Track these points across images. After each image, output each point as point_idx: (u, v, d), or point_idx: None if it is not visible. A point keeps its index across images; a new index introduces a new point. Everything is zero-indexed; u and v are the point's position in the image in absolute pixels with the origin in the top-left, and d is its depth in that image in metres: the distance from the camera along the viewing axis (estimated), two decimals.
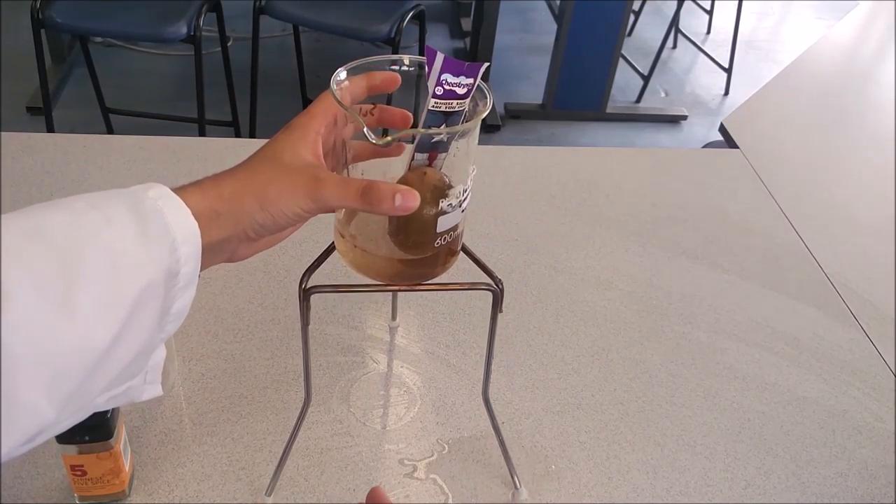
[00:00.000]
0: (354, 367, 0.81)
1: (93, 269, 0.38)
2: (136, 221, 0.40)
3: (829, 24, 3.74)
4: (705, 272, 0.99)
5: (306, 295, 0.55)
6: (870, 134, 1.46)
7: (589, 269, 0.97)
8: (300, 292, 0.55)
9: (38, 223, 0.38)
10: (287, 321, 0.84)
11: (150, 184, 0.43)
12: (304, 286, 0.55)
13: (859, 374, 0.87)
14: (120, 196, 0.42)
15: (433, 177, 0.50)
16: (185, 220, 0.42)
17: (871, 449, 0.79)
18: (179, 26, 1.98)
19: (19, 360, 0.35)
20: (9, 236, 0.36)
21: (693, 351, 0.87)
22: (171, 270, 0.41)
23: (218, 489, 0.68)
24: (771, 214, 1.12)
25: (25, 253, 0.36)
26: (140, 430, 0.72)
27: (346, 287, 0.57)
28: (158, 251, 0.40)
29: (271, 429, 0.73)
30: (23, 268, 0.35)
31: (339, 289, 0.57)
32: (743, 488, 0.73)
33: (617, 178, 1.16)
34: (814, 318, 0.94)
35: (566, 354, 0.85)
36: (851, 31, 1.91)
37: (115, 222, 0.40)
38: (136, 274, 0.39)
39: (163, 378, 0.75)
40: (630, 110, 3.05)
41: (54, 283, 0.36)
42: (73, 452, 0.61)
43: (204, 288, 0.87)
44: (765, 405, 0.82)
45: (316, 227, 0.99)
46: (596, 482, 0.72)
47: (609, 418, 0.78)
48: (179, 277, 0.42)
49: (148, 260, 0.40)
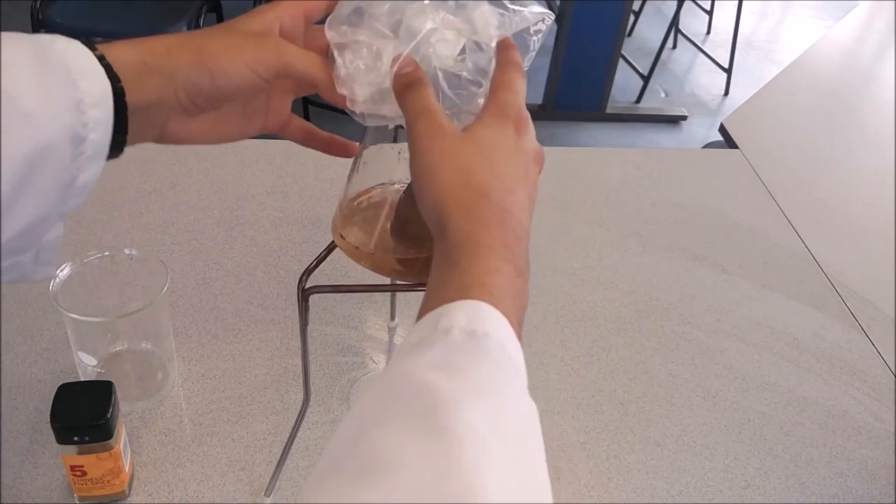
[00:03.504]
0: (354, 367, 0.81)
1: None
2: (35, 72, 0.35)
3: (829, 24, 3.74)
4: (705, 272, 0.99)
5: (305, 295, 0.55)
6: (870, 134, 1.46)
7: (589, 269, 0.97)
8: (299, 292, 0.55)
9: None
10: (287, 321, 0.84)
11: (58, 35, 0.37)
12: (303, 286, 0.54)
13: (859, 374, 0.87)
14: (22, 41, 0.36)
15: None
16: (96, 81, 0.37)
17: (871, 449, 0.79)
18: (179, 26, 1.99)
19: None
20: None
21: (693, 351, 0.87)
22: (76, 135, 0.36)
23: (218, 489, 0.68)
24: (771, 214, 1.12)
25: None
26: (140, 430, 0.72)
27: (345, 287, 0.57)
28: (61, 109, 0.35)
29: (271, 429, 0.73)
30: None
31: (339, 289, 0.57)
32: (743, 488, 0.73)
33: (617, 178, 1.16)
34: (814, 318, 0.94)
35: (566, 355, 0.85)
36: (851, 31, 1.91)
37: (12, 70, 0.34)
38: (31, 131, 0.34)
39: (163, 378, 0.76)
40: (630, 110, 3.05)
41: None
42: (73, 453, 0.61)
43: (204, 288, 0.87)
44: (765, 405, 0.82)
45: (316, 227, 1.00)
46: (596, 482, 0.72)
47: (609, 418, 0.78)
48: (86, 144, 0.37)
49: (47, 117, 0.35)
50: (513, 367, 0.36)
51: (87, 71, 0.36)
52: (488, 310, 0.36)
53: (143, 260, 0.73)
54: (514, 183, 0.42)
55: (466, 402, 0.31)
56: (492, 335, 0.35)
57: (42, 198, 0.36)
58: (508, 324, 0.36)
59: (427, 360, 0.33)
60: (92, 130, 0.37)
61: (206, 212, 0.98)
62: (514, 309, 0.37)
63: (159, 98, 0.40)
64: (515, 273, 0.39)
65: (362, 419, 0.32)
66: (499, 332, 0.35)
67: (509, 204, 0.41)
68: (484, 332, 0.35)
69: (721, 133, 1.35)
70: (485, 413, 0.31)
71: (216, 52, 0.40)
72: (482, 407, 0.31)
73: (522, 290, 0.39)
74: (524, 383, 0.36)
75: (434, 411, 0.30)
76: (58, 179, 0.37)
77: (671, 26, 3.14)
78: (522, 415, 0.34)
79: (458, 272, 0.38)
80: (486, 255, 0.38)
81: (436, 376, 0.32)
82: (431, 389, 0.31)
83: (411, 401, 0.31)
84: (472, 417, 0.30)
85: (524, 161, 0.43)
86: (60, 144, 0.36)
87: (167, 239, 0.94)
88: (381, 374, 0.35)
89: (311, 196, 1.01)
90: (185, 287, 0.87)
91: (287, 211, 0.99)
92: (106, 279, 0.72)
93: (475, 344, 0.34)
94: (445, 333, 0.34)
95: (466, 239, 0.39)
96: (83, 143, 0.37)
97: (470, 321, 0.35)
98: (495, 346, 0.35)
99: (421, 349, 0.34)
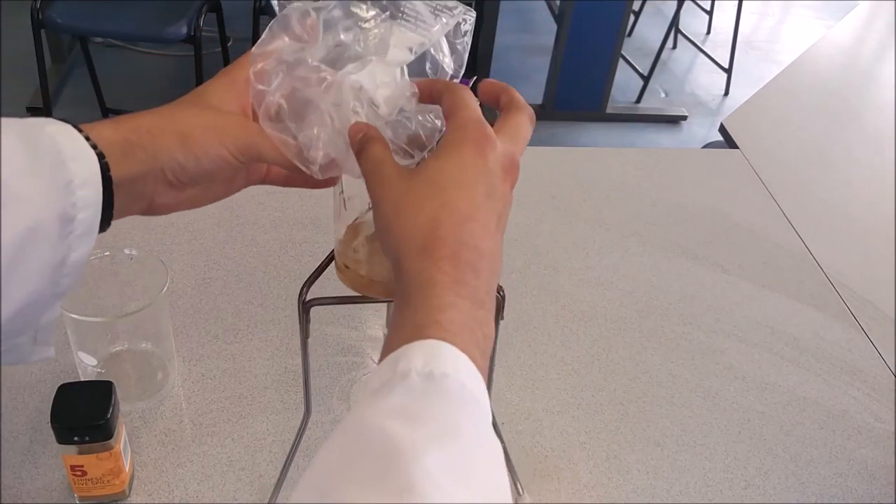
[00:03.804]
0: (354, 368, 0.81)
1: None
2: (25, 155, 0.36)
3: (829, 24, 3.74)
4: (705, 272, 0.99)
5: (306, 308, 0.53)
6: (870, 134, 1.46)
7: (589, 269, 0.97)
8: (300, 305, 0.53)
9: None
10: (287, 321, 0.84)
11: (50, 119, 0.39)
12: (303, 299, 0.53)
13: (859, 374, 0.87)
14: (11, 125, 0.37)
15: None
16: (85, 161, 0.38)
17: (871, 449, 0.79)
18: (179, 26, 1.99)
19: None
20: None
21: (693, 351, 0.87)
22: (65, 215, 0.37)
23: (218, 489, 0.68)
24: (771, 214, 1.12)
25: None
26: (140, 430, 0.72)
27: (347, 298, 0.55)
28: (49, 191, 0.36)
29: (271, 429, 0.73)
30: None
31: (341, 300, 0.55)
32: (743, 488, 0.73)
33: (617, 178, 1.16)
34: (814, 318, 0.94)
35: (566, 354, 0.85)
36: (851, 31, 1.91)
37: (2, 153, 0.35)
38: (19, 213, 0.35)
39: (163, 378, 0.76)
40: (630, 110, 3.05)
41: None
42: (73, 453, 0.61)
43: (204, 288, 0.87)
44: (765, 405, 0.82)
45: (316, 227, 1.00)
46: (596, 482, 0.72)
47: (609, 418, 0.78)
48: (76, 224, 0.38)
49: (34, 199, 0.36)
50: (475, 404, 0.35)
51: (76, 153, 0.37)
52: (446, 348, 0.35)
53: (143, 260, 0.73)
54: (471, 209, 0.40)
55: (425, 451, 0.30)
56: (450, 375, 0.34)
57: (34, 279, 0.37)
58: (468, 359, 0.36)
59: (386, 407, 0.33)
60: (81, 210, 0.37)
61: (206, 212, 0.98)
62: (473, 342, 0.37)
63: (144, 172, 0.41)
64: (473, 306, 0.38)
65: (325, 477, 0.31)
66: (458, 370, 0.35)
67: (462, 234, 0.39)
68: (442, 373, 0.34)
69: (721, 133, 1.35)
70: (445, 460, 0.31)
71: (198, 136, 0.41)
72: (442, 455, 0.31)
73: (484, 320, 0.39)
74: (487, 420, 0.36)
75: (393, 465, 0.30)
76: (48, 260, 0.37)
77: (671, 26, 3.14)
78: (485, 455, 0.34)
79: (411, 312, 0.37)
80: (438, 292, 0.37)
81: (394, 425, 0.32)
82: (390, 440, 0.31)
83: (371, 455, 0.31)
84: (431, 467, 0.30)
85: (485, 181, 0.41)
86: (49, 225, 0.36)
87: (167, 239, 0.94)
88: (343, 422, 0.34)
89: (312, 196, 1.01)
90: (185, 287, 0.87)
91: (287, 211, 0.99)
92: (106, 279, 0.72)
93: (433, 386, 0.34)
94: (403, 377, 0.34)
95: (417, 277, 0.38)
96: (72, 223, 0.37)
97: (427, 362, 0.34)
98: (455, 386, 0.34)
99: (380, 395, 0.34)
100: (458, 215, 0.39)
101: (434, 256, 0.38)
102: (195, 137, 0.41)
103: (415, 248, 0.39)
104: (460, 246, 0.39)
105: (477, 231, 0.40)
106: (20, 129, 0.37)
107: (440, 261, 0.38)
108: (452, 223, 0.39)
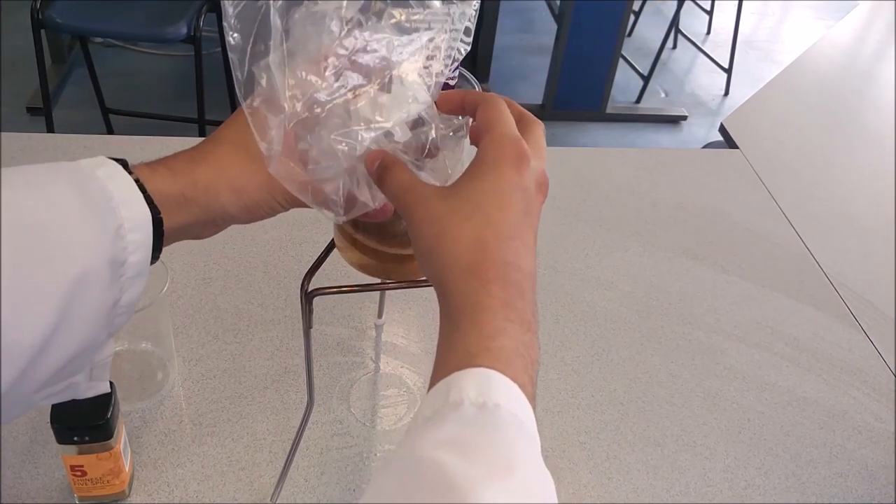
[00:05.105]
0: (354, 367, 0.81)
1: (23, 257, 0.34)
2: (76, 201, 0.36)
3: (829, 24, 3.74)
4: (705, 272, 0.99)
5: (309, 298, 0.53)
6: (870, 134, 1.46)
7: (589, 269, 0.97)
8: (302, 295, 0.53)
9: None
10: (287, 321, 0.84)
11: (101, 159, 0.39)
12: (305, 289, 0.53)
13: (859, 374, 0.87)
14: (63, 172, 0.38)
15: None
16: (135, 206, 0.38)
17: (871, 449, 0.79)
18: (179, 26, 1.98)
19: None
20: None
21: (693, 351, 0.87)
22: (115, 259, 0.37)
23: (218, 489, 0.68)
24: (771, 214, 1.12)
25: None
26: (140, 430, 0.72)
27: (349, 287, 0.55)
28: (100, 237, 0.37)
29: (271, 429, 0.73)
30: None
31: (343, 290, 0.55)
32: (743, 488, 0.73)
33: (617, 178, 1.16)
34: (814, 318, 0.94)
35: (566, 354, 0.85)
36: (851, 31, 1.91)
37: (52, 203, 0.36)
38: (72, 261, 0.36)
39: (163, 378, 0.76)
40: (630, 110, 3.05)
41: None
42: (73, 453, 0.61)
43: (204, 288, 0.87)
44: (765, 405, 0.82)
45: (316, 227, 1.00)
46: (596, 482, 0.72)
47: (609, 418, 0.78)
48: (126, 267, 0.38)
49: (86, 246, 0.36)
50: (526, 436, 0.35)
51: (127, 198, 0.38)
52: (498, 378, 0.35)
53: None
54: (513, 228, 0.39)
55: (481, 485, 0.30)
56: (503, 406, 0.34)
57: (88, 322, 0.37)
58: (519, 389, 0.35)
59: (439, 437, 0.33)
60: (132, 254, 0.38)
61: None
62: (523, 369, 0.37)
63: (195, 221, 0.43)
64: (521, 329, 0.38)
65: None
66: (510, 400, 0.35)
67: (507, 254, 0.39)
68: (495, 404, 0.34)
69: (721, 133, 1.35)
70: (501, 493, 0.31)
71: (252, 192, 0.43)
72: (497, 487, 0.31)
73: (531, 343, 0.39)
74: (538, 451, 0.36)
75: (450, 500, 0.30)
76: (102, 303, 0.38)
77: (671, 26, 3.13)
78: (538, 487, 0.34)
79: (460, 337, 0.37)
80: (488, 317, 0.37)
81: (449, 458, 0.31)
82: (446, 473, 0.31)
83: (426, 490, 0.31)
84: (488, 501, 0.30)
85: (523, 199, 0.40)
86: (102, 270, 0.37)
87: None
88: (397, 452, 0.34)
89: None
90: (185, 287, 0.87)
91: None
92: None
93: (486, 417, 0.34)
94: (456, 407, 0.34)
95: (465, 301, 0.38)
96: (123, 266, 0.38)
97: (480, 393, 0.34)
98: (508, 418, 0.34)
99: (433, 424, 0.34)
100: (502, 235, 0.39)
101: (482, 279, 0.38)
102: (249, 193, 0.43)
103: (460, 269, 0.39)
104: (507, 267, 0.38)
105: (521, 250, 0.39)
106: (70, 175, 0.38)
107: (489, 283, 0.38)
108: (498, 243, 0.39)
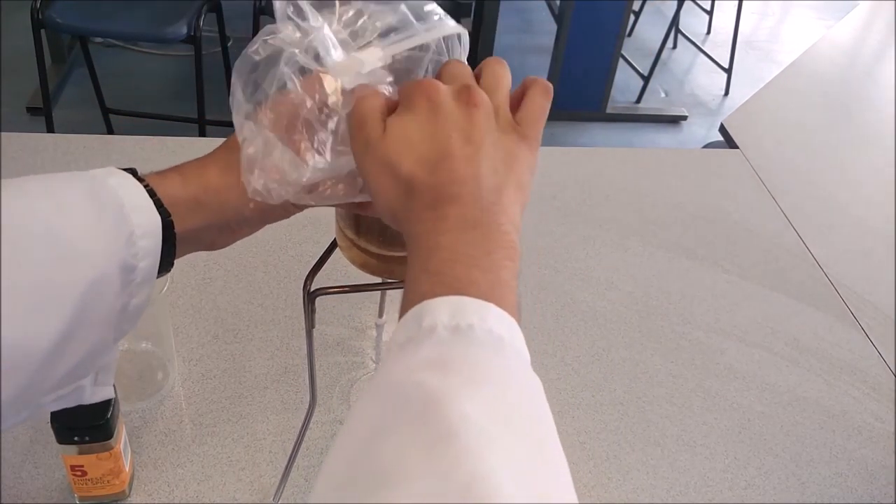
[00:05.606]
0: (354, 368, 0.81)
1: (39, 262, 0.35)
2: (90, 210, 0.37)
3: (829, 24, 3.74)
4: (705, 272, 0.99)
5: (311, 298, 0.53)
6: (870, 134, 1.46)
7: (589, 270, 0.97)
8: (304, 295, 0.53)
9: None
10: (287, 321, 0.84)
11: (112, 169, 0.40)
12: (308, 289, 0.53)
13: (859, 374, 0.87)
14: (76, 181, 0.39)
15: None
16: (146, 212, 0.39)
17: (871, 449, 0.79)
18: (179, 26, 1.98)
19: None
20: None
21: (693, 351, 0.87)
22: (126, 265, 0.38)
23: (218, 489, 0.68)
24: (771, 214, 1.12)
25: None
26: (140, 430, 0.72)
27: (351, 287, 0.55)
28: (112, 243, 0.38)
29: (271, 429, 0.73)
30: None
31: (345, 289, 0.55)
32: (743, 488, 0.73)
33: (617, 178, 1.16)
34: (814, 318, 0.94)
35: (566, 354, 0.85)
36: (851, 31, 1.91)
37: (66, 210, 0.37)
38: (85, 267, 0.36)
39: (163, 378, 0.76)
40: (630, 110, 3.05)
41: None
42: (73, 453, 0.61)
43: (204, 288, 0.87)
44: (765, 405, 0.82)
45: (316, 227, 1.00)
46: (596, 482, 0.72)
47: (609, 418, 0.78)
48: (136, 273, 0.39)
49: (99, 252, 0.37)
50: (506, 347, 0.35)
51: (138, 205, 0.39)
52: (467, 300, 0.35)
53: None
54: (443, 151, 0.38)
55: (458, 395, 0.30)
56: (476, 325, 0.34)
57: (98, 327, 0.38)
58: (493, 305, 0.35)
59: (415, 361, 0.33)
60: (142, 259, 0.39)
61: None
62: (497, 284, 0.36)
63: (208, 225, 0.43)
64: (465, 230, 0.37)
65: (361, 432, 0.31)
66: (484, 318, 0.34)
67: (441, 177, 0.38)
68: (468, 325, 0.34)
69: (721, 133, 1.35)
70: (479, 401, 0.31)
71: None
72: (475, 396, 0.31)
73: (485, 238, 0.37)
74: (521, 358, 0.35)
75: (431, 414, 0.30)
76: (111, 308, 0.39)
77: (671, 26, 3.13)
78: (522, 393, 0.34)
79: (421, 262, 0.37)
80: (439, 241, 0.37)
81: (426, 376, 0.31)
82: (423, 390, 0.31)
83: (407, 408, 0.31)
84: (465, 409, 0.30)
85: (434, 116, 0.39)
86: (112, 276, 0.38)
87: None
88: (374, 378, 0.34)
89: None
90: (185, 287, 0.87)
91: None
92: None
93: (461, 337, 0.34)
94: (430, 332, 0.34)
95: (414, 230, 0.38)
96: (133, 272, 0.39)
97: (452, 316, 0.34)
98: (482, 334, 0.34)
99: (407, 350, 0.34)
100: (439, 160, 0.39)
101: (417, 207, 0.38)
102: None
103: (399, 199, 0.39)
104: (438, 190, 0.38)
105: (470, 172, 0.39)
106: (84, 183, 0.38)
107: (422, 212, 0.38)
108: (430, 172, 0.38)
